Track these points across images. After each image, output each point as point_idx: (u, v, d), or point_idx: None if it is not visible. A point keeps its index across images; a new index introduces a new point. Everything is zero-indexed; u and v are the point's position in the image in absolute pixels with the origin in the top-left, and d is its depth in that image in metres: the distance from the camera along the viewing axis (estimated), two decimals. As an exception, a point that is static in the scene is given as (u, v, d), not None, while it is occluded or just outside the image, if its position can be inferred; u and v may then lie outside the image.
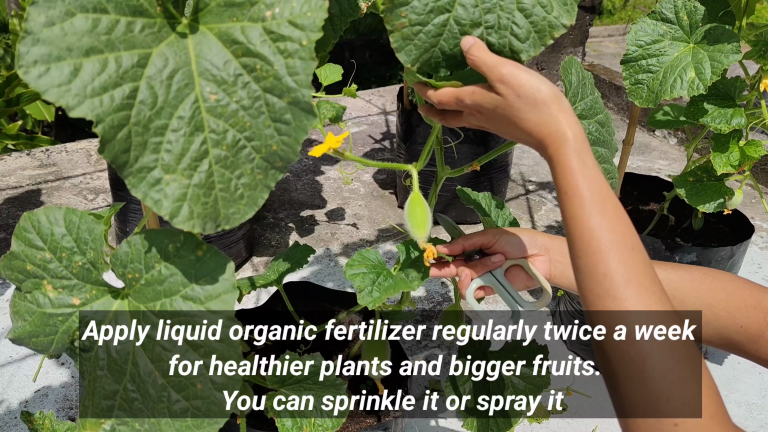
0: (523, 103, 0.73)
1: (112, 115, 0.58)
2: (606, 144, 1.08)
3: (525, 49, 0.78)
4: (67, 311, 0.74)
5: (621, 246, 0.70)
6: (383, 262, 1.01)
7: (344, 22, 0.96)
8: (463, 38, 0.80)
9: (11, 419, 1.76)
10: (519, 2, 0.77)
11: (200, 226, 0.61)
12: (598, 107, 1.08)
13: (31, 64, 0.56)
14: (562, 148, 0.72)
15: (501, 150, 1.04)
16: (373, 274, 0.96)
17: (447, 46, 0.79)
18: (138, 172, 0.60)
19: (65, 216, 0.73)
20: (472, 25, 0.78)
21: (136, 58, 0.61)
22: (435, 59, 0.80)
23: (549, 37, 0.78)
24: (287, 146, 0.62)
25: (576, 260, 0.72)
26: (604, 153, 1.08)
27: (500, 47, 0.79)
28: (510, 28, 0.78)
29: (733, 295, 0.85)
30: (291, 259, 1.26)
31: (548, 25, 0.78)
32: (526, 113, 0.73)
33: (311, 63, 0.61)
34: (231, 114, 0.62)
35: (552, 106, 0.73)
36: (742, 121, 1.53)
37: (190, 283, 0.67)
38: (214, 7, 0.65)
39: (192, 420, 0.68)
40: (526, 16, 0.78)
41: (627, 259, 0.69)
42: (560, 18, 0.77)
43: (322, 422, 1.01)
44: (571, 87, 1.05)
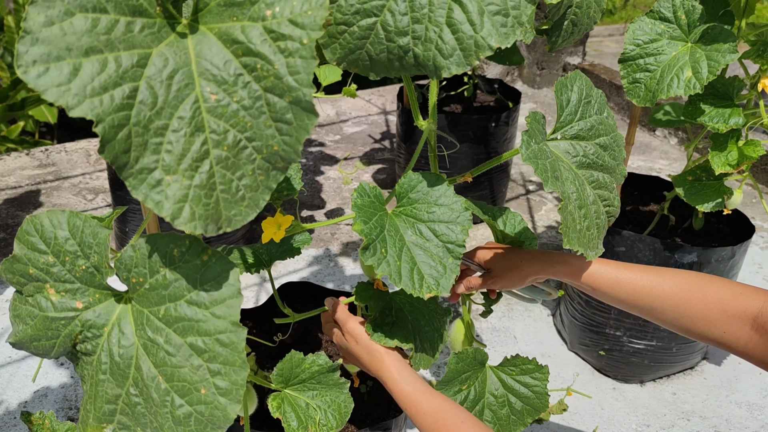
0: (360, 348, 1.01)
1: (112, 115, 0.58)
2: (605, 169, 1.03)
3: (446, 65, 0.76)
4: (70, 315, 0.73)
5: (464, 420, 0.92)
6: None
7: None
8: (326, 299, 1.09)
9: (11, 419, 1.75)
10: (449, 17, 0.74)
11: (202, 227, 0.61)
12: (603, 129, 1.03)
13: (30, 64, 0.56)
14: (390, 379, 0.97)
15: (492, 163, 1.03)
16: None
17: (373, 51, 0.77)
18: (139, 173, 0.59)
19: (69, 219, 0.73)
20: (399, 33, 0.76)
21: (135, 58, 0.60)
22: (362, 62, 0.78)
23: (474, 57, 0.75)
24: (289, 146, 0.61)
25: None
26: (601, 178, 1.02)
27: (425, 60, 0.76)
28: (436, 42, 0.75)
29: (713, 307, 0.95)
30: (286, 243, 1.25)
31: (474, 44, 0.75)
32: (362, 354, 1.01)
33: (312, 62, 0.60)
34: (232, 114, 0.61)
35: (379, 351, 0.99)
36: (740, 120, 1.53)
37: (195, 287, 0.67)
38: (214, 7, 0.64)
39: (195, 425, 0.67)
40: (453, 32, 0.75)
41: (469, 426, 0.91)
42: (488, 38, 0.74)
43: (326, 421, 1.00)
44: (568, 105, 1.01)
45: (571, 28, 1.32)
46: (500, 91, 2.85)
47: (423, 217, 0.91)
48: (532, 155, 0.89)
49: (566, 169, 0.97)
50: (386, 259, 0.86)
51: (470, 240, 2.64)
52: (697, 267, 1.75)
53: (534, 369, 1.15)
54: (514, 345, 2.12)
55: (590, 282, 1.04)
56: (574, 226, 0.93)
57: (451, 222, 0.90)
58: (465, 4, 0.74)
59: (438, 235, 0.90)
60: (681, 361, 1.96)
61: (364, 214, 0.89)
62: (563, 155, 0.99)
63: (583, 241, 0.95)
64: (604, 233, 1.04)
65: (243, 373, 0.66)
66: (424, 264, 0.88)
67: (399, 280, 0.86)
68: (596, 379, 2.00)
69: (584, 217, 0.96)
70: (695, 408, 1.90)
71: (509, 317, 2.24)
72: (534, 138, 0.92)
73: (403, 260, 0.87)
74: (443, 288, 0.87)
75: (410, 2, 0.75)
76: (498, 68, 4.09)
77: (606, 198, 1.03)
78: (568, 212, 0.92)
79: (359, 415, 1.34)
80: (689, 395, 1.94)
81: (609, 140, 1.04)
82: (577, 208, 0.94)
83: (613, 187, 1.04)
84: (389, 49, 0.77)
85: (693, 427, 1.83)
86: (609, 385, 1.98)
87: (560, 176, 0.93)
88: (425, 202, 0.92)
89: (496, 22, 0.74)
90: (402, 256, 0.88)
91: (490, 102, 2.81)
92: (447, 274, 0.88)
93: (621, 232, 1.81)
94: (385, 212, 0.92)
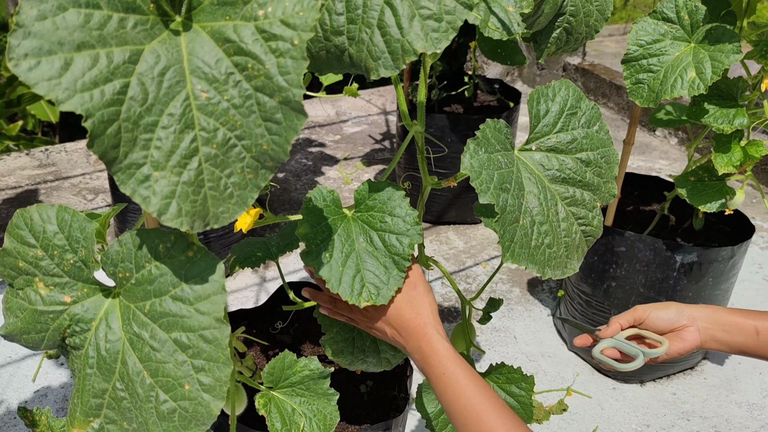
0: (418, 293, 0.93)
1: (102, 110, 0.58)
2: (586, 186, 0.98)
3: (375, 67, 0.76)
4: (58, 309, 0.74)
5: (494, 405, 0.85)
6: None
7: None
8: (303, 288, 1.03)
9: (10, 419, 1.75)
10: (380, 19, 0.74)
11: (189, 224, 0.61)
12: (588, 143, 0.97)
13: (22, 57, 0.56)
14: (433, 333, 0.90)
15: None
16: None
17: (313, 48, 0.78)
18: (127, 169, 0.59)
19: (57, 214, 0.73)
20: (334, 32, 0.76)
21: (127, 54, 0.60)
22: None
23: (401, 61, 0.74)
24: (278, 146, 0.61)
25: (461, 427, 0.85)
26: (579, 195, 0.97)
27: (358, 60, 0.77)
28: (367, 44, 0.75)
29: None
30: (290, 236, 1.25)
31: (401, 47, 0.74)
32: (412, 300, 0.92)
33: (302, 62, 0.60)
34: (222, 112, 0.61)
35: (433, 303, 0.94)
36: (745, 121, 1.53)
37: (180, 283, 0.67)
38: (208, 6, 0.64)
39: (179, 421, 0.67)
40: (383, 35, 0.75)
41: (501, 414, 0.84)
42: (415, 43, 0.73)
43: (310, 430, 1.00)
44: (546, 115, 0.96)
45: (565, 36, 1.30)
46: (500, 91, 2.85)
47: (376, 225, 0.91)
48: (476, 164, 0.87)
49: (533, 182, 0.93)
50: (328, 264, 0.87)
51: (470, 240, 2.64)
52: (697, 267, 1.75)
53: (520, 378, 1.13)
54: (514, 345, 2.11)
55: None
56: (526, 242, 0.90)
57: (401, 234, 0.89)
58: (396, 7, 0.73)
59: (387, 246, 0.89)
60: (681, 360, 1.96)
61: (313, 218, 0.89)
62: (536, 167, 0.95)
63: (539, 258, 0.91)
64: (579, 253, 0.99)
65: (226, 370, 0.66)
66: (369, 273, 0.88)
67: (337, 286, 0.86)
68: (596, 379, 1.99)
69: (545, 234, 0.92)
70: (695, 408, 1.89)
71: (509, 317, 2.24)
72: (484, 147, 0.89)
73: (347, 266, 0.88)
74: (382, 298, 0.87)
75: (347, 2, 0.75)
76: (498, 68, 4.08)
77: (582, 216, 0.98)
78: (519, 226, 0.89)
79: (359, 415, 1.34)
80: (689, 395, 1.94)
81: (595, 156, 0.98)
82: (535, 224, 0.91)
83: (594, 206, 0.99)
84: (327, 48, 0.77)
85: (693, 427, 1.82)
86: (609, 385, 1.97)
87: (511, 189, 0.89)
88: (380, 211, 0.92)
89: (428, 26, 0.73)
90: (347, 263, 0.88)
91: (491, 102, 2.81)
92: (389, 284, 0.88)
93: (621, 232, 1.81)
94: (341, 216, 0.92)
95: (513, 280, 2.42)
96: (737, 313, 1.01)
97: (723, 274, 1.80)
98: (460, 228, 2.73)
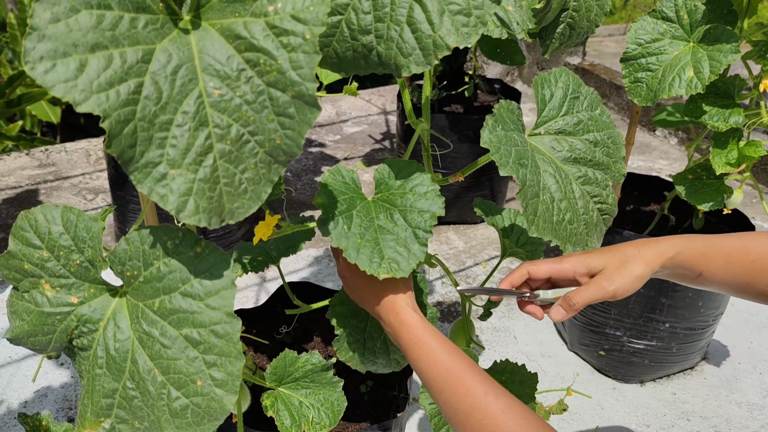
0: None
1: (119, 110, 0.58)
2: (597, 165, 1.01)
3: (406, 64, 0.76)
4: (66, 310, 0.73)
5: (469, 369, 0.84)
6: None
7: None
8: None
9: (10, 419, 1.75)
10: (410, 16, 0.75)
11: (206, 220, 0.61)
12: (593, 125, 1.02)
13: (38, 60, 0.56)
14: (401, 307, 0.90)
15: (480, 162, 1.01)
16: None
17: (339, 49, 0.78)
18: (144, 168, 0.60)
19: (62, 214, 0.73)
20: (362, 31, 0.77)
21: (140, 54, 0.61)
22: (331, 59, 0.79)
23: (433, 56, 0.75)
24: (291, 140, 0.62)
25: (438, 395, 0.85)
26: (591, 174, 1.00)
27: (387, 58, 0.77)
28: (396, 41, 0.76)
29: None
30: (291, 239, 1.26)
31: (433, 43, 0.75)
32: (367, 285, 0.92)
33: (315, 56, 0.61)
34: (235, 109, 0.62)
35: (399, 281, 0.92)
36: (740, 119, 1.53)
37: (189, 279, 0.67)
38: (216, 3, 0.65)
39: (192, 417, 0.67)
40: (413, 31, 0.75)
41: (478, 377, 0.83)
42: (447, 38, 0.74)
43: (320, 419, 1.00)
44: (551, 100, 1.00)
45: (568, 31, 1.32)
46: (500, 91, 2.85)
47: (397, 203, 0.90)
48: (494, 139, 0.89)
49: (547, 163, 0.96)
50: (346, 235, 0.85)
51: (470, 240, 2.64)
52: (697, 267, 1.76)
53: (523, 377, 1.13)
54: (514, 345, 2.12)
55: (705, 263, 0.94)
56: (548, 216, 0.92)
57: (423, 210, 0.89)
58: (425, 4, 0.74)
59: (408, 221, 0.89)
60: (681, 361, 1.96)
61: (332, 192, 0.89)
62: (547, 150, 0.98)
63: (561, 233, 0.93)
64: (599, 232, 1.01)
65: (239, 364, 0.67)
66: (389, 248, 0.87)
67: (355, 256, 0.84)
68: (596, 379, 2.00)
69: (565, 210, 0.94)
70: (695, 408, 1.90)
71: (509, 317, 2.24)
72: (502, 124, 0.91)
73: (365, 239, 0.86)
74: (402, 271, 0.85)
75: (373, 1, 0.76)
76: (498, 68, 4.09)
77: (596, 194, 1.01)
78: (540, 201, 0.91)
79: (359, 415, 1.34)
80: (689, 395, 1.94)
81: (602, 137, 1.02)
82: (554, 200, 0.94)
83: (607, 185, 1.02)
84: (354, 48, 0.78)
85: (693, 427, 1.83)
86: (609, 385, 1.98)
87: (528, 165, 0.91)
88: (401, 189, 0.91)
89: (457, 21, 0.74)
90: (365, 236, 0.87)
91: (491, 102, 2.82)
92: (410, 259, 0.87)
93: (621, 232, 1.81)
94: (361, 197, 0.92)
95: (513, 280, 2.42)
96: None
97: (723, 274, 1.80)
98: (460, 228, 2.73)
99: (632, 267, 0.90)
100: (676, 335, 1.87)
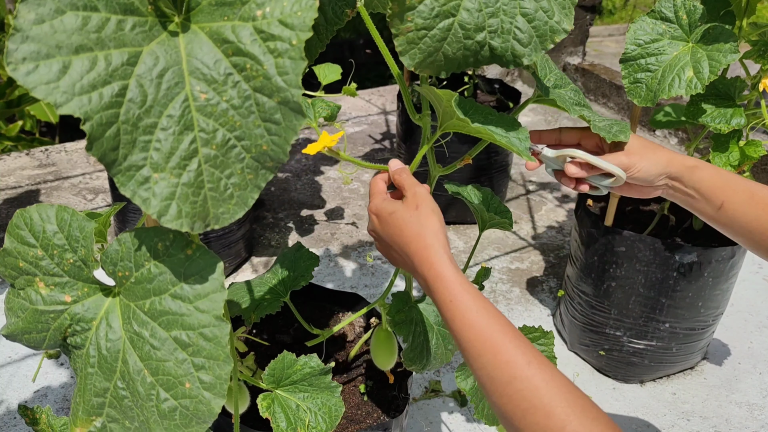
0: (420, 213, 0.87)
1: (101, 112, 0.58)
2: (588, 106, 1.05)
3: (527, 53, 0.80)
4: (59, 308, 0.74)
5: (509, 334, 0.78)
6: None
7: (330, 31, 0.96)
8: (390, 161, 0.99)
9: (11, 419, 1.76)
10: (522, 7, 0.78)
11: (189, 225, 0.61)
12: (565, 80, 1.09)
13: (20, 61, 0.56)
14: (436, 257, 0.83)
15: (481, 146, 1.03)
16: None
17: (450, 50, 0.80)
18: (127, 171, 0.60)
19: (57, 213, 0.73)
20: (476, 29, 0.79)
21: (126, 57, 0.60)
22: (437, 62, 0.81)
23: (550, 42, 0.80)
24: (277, 146, 0.62)
25: (474, 360, 0.79)
26: (588, 114, 1.03)
27: (503, 51, 0.80)
28: (513, 33, 0.79)
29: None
30: (295, 268, 1.26)
31: (550, 29, 0.79)
32: (413, 220, 0.86)
33: (301, 63, 0.60)
34: (221, 113, 0.61)
35: (436, 224, 0.86)
36: (742, 120, 1.53)
37: (179, 281, 0.67)
38: (206, 6, 0.64)
39: (180, 419, 0.68)
40: (528, 21, 0.79)
41: (519, 344, 0.77)
42: (561, 23, 0.79)
43: (316, 424, 1.00)
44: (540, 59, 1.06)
45: None
46: (500, 91, 2.85)
47: None
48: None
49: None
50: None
51: (470, 240, 2.64)
52: (697, 267, 1.75)
53: (539, 336, 1.19)
54: (513, 345, 2.11)
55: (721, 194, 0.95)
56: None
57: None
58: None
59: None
60: (681, 361, 1.96)
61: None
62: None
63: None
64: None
65: (227, 368, 0.67)
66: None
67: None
68: (596, 379, 1.99)
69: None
70: (695, 408, 1.89)
71: (509, 317, 2.24)
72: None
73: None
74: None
75: (480, 1, 0.79)
76: (498, 68, 4.08)
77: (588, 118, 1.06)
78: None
79: (359, 415, 1.34)
80: (689, 395, 1.94)
81: (575, 87, 1.09)
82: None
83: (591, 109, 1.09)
84: (466, 46, 0.80)
85: (693, 427, 1.83)
86: (609, 385, 1.98)
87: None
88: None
89: (559, 5, 0.80)
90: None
91: (491, 102, 2.81)
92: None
93: (621, 232, 1.81)
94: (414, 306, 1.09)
95: (513, 280, 2.42)
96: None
97: (723, 274, 1.80)
98: (460, 228, 2.73)
99: (653, 153, 0.96)
100: (676, 335, 1.87)
